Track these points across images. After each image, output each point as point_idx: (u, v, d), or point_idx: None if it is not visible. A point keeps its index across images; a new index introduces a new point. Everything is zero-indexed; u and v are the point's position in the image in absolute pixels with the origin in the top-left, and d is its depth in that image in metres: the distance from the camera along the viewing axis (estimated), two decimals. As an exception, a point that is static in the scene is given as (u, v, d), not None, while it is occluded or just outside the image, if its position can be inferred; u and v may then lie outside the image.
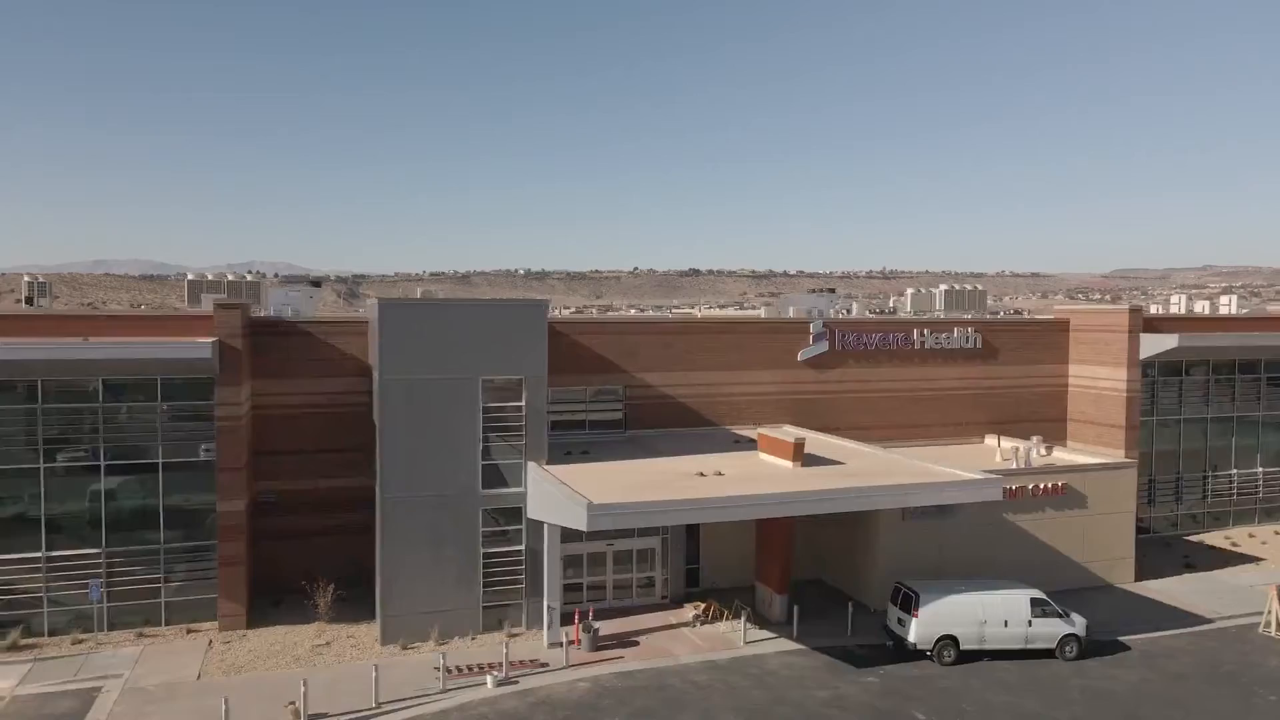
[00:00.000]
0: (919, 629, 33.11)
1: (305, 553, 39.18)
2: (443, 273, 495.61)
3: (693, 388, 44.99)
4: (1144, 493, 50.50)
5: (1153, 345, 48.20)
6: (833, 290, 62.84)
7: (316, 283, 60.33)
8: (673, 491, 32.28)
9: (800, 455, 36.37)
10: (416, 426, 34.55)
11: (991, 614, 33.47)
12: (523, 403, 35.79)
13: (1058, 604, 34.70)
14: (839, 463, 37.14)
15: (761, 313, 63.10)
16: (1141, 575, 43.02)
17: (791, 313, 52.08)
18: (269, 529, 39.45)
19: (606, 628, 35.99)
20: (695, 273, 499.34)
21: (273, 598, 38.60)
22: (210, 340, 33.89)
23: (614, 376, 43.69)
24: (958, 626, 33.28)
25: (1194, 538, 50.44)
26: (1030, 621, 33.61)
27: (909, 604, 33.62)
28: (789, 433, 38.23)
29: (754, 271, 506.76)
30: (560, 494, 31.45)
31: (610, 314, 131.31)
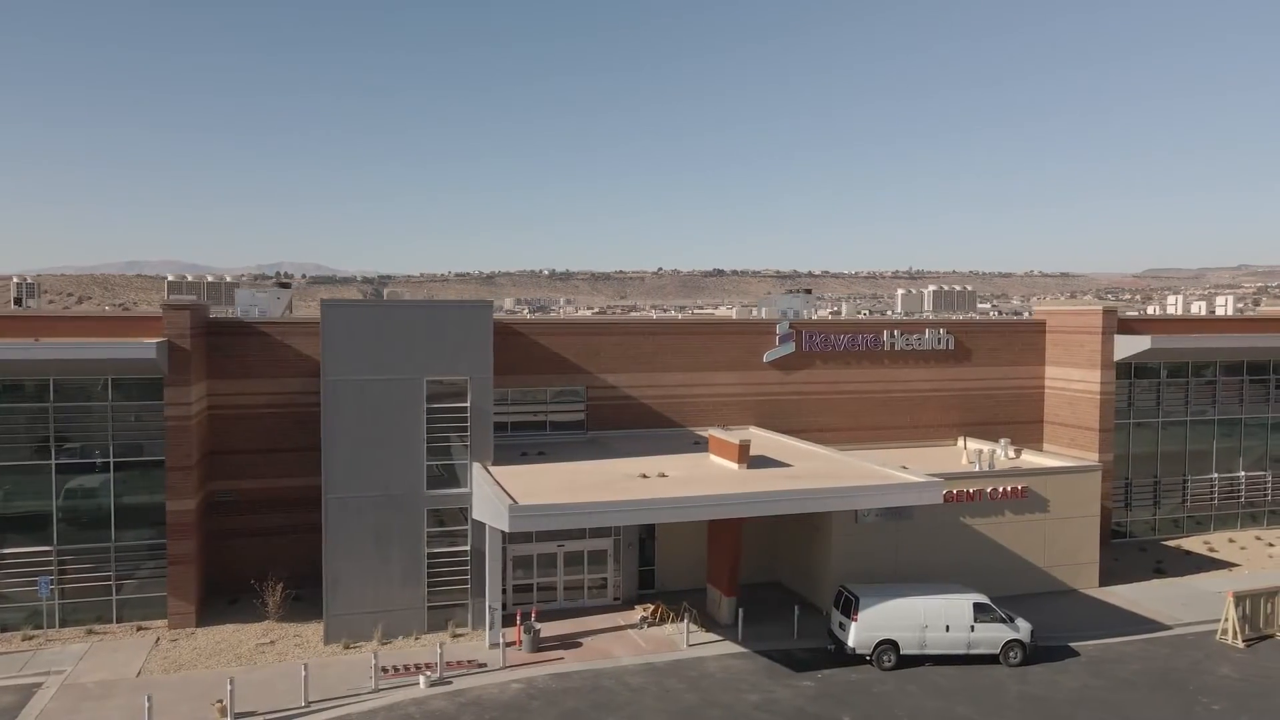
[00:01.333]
0: (858, 633, 32.81)
1: (264, 551, 39.48)
2: (468, 273, 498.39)
3: (657, 389, 44.88)
4: (1120, 496, 49.85)
5: (1127, 346, 47.49)
6: (809, 291, 61.97)
7: (285, 284, 60.59)
8: (608, 493, 32.24)
9: (745, 457, 36.19)
10: (361, 427, 34.73)
11: (933, 618, 33.10)
12: (468, 403, 35.90)
13: (1005, 609, 34.32)
14: (787, 465, 36.90)
15: (733, 314, 62.77)
16: (1109, 580, 42.39)
17: (764, 314, 51.76)
18: (227, 528, 39.77)
19: (553, 629, 36.01)
20: (720, 273, 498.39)
21: (230, 596, 38.93)
22: (154, 341, 34.22)
23: (575, 377, 43.67)
24: (898, 631, 32.94)
25: (1171, 542, 49.62)
26: (973, 626, 33.19)
27: (849, 607, 33.32)
28: (737, 435, 38.01)
29: (779, 272, 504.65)
30: (491, 495, 31.48)
31: (572, 315, 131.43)
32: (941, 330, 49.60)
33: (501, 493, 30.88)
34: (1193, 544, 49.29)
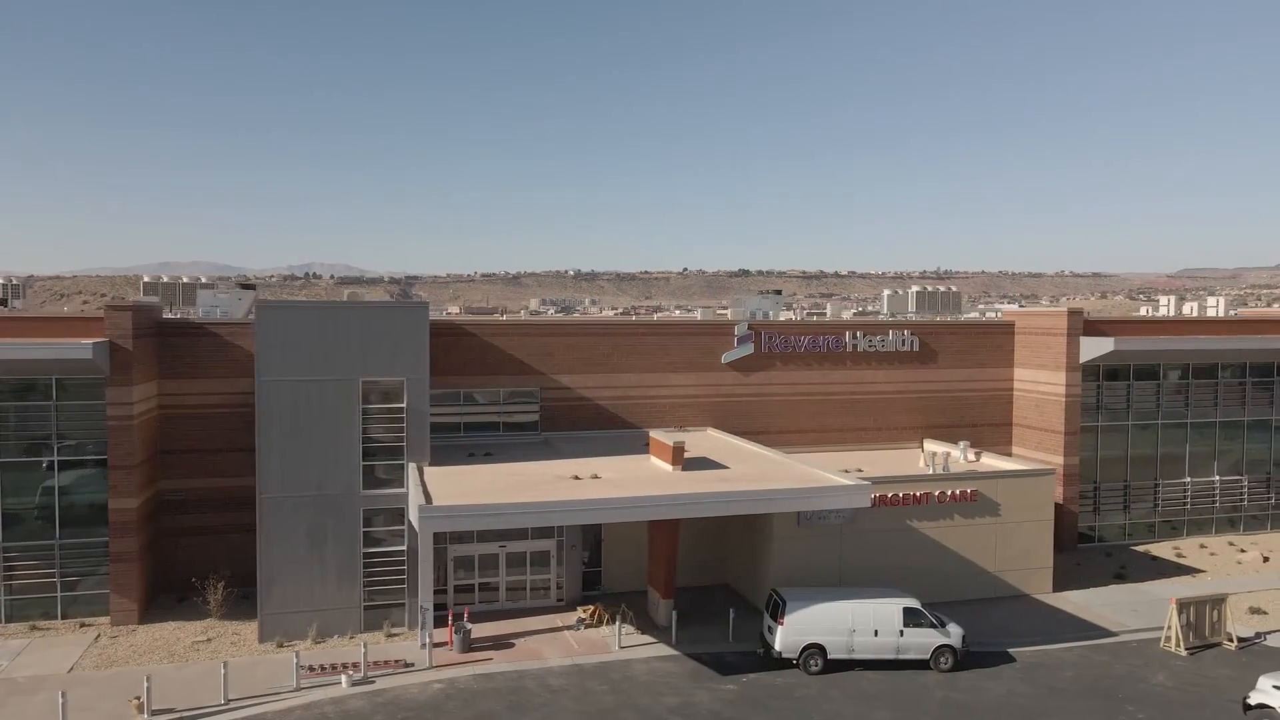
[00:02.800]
0: (784, 636, 32.57)
1: (214, 550, 39.77)
2: (494, 273, 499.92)
3: (614, 390, 44.83)
4: (1089, 500, 49.12)
5: (1092, 348, 46.79)
6: (778, 292, 61.59)
7: (249, 285, 61.36)
8: (534, 494, 32.31)
9: (680, 459, 36.12)
10: (296, 427, 34.99)
11: (861, 623, 32.78)
12: (404, 404, 36.06)
13: (940, 614, 34.07)
14: (724, 467, 36.75)
15: (698, 315, 62.58)
16: (1065, 585, 41.76)
17: (730, 314, 51.51)
18: (178, 526, 40.19)
19: (490, 629, 36.10)
20: (744, 273, 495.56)
21: (179, 594, 39.33)
22: (91, 341, 34.66)
23: (529, 379, 43.71)
24: (825, 635, 32.66)
25: (1141, 548, 48.79)
26: (902, 631, 32.85)
27: (777, 611, 33.10)
28: (672, 437, 37.86)
29: (804, 272, 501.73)
30: (415, 495, 31.61)
31: (529, 316, 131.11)
32: (906, 332, 49.12)
33: (420, 494, 31.00)
34: (1162, 549, 48.44)
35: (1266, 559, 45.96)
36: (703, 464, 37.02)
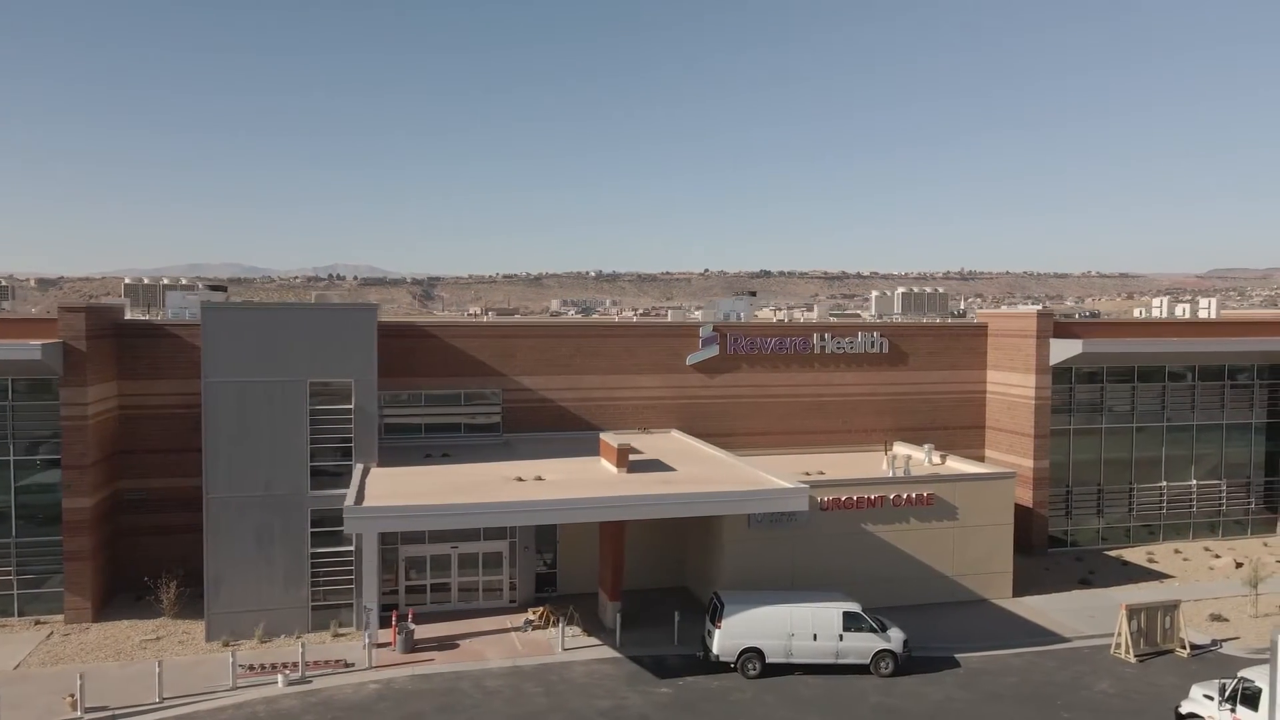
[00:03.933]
0: (722, 640, 32.44)
1: (174, 549, 40.06)
2: (515, 274, 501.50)
3: (577, 391, 44.85)
4: (1060, 504, 48.57)
5: (1061, 351, 46.27)
6: (754, 294, 61.62)
7: (221, 287, 62.16)
8: (472, 495, 32.40)
9: (625, 461, 36.06)
10: (243, 428, 35.26)
11: (800, 627, 32.58)
12: (352, 405, 36.25)
13: (883, 618, 33.78)
14: (672, 469, 36.67)
15: (669, 316, 62.48)
16: (1027, 590, 41.33)
17: (701, 316, 51.40)
18: (137, 525, 40.61)
19: (437, 630, 36.19)
20: (766, 274, 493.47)
21: (137, 593, 39.70)
22: (40, 343, 35.08)
23: (491, 380, 43.81)
24: (763, 639, 32.48)
25: (1114, 552, 48.15)
26: (842, 635, 32.62)
27: (716, 614, 32.97)
28: (618, 439, 37.82)
29: (825, 273, 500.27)
30: (351, 497, 31.74)
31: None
32: (875, 334, 48.76)
33: (352, 495, 31.15)
34: (1135, 554, 47.80)
35: (1239, 565, 45.19)
36: (650, 466, 36.96)
